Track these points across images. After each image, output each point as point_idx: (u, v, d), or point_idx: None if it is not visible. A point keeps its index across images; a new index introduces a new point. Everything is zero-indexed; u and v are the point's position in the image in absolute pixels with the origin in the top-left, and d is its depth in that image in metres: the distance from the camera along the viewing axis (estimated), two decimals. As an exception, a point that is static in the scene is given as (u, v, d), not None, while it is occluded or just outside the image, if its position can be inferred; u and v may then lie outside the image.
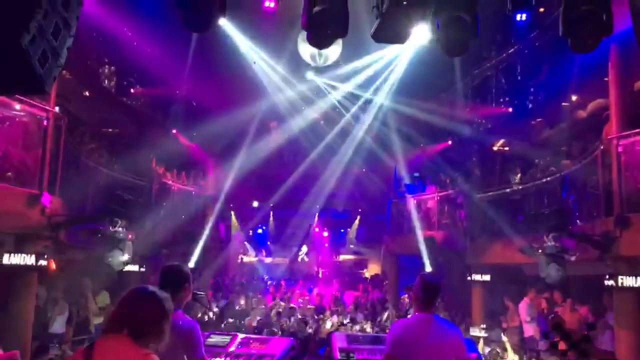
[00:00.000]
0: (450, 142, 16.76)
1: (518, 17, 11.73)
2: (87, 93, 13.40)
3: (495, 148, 15.87)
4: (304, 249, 24.71)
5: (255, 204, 22.96)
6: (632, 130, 8.45)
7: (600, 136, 9.32)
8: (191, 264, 14.14)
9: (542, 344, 10.12)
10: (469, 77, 15.24)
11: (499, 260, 12.23)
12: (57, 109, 8.71)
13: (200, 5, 4.92)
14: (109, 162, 12.00)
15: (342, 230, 25.00)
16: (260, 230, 25.35)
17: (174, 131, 16.44)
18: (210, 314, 12.02)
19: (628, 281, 8.09)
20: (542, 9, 11.46)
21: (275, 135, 19.84)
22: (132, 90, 14.93)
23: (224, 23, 12.69)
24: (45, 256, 8.37)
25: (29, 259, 8.01)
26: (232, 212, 20.38)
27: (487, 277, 12.92)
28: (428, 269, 13.40)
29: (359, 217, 23.52)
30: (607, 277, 8.34)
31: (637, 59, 8.73)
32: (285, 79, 15.86)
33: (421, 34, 5.38)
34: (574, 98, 12.65)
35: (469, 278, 13.10)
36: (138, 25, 12.59)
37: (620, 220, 8.15)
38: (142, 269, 12.08)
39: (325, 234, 24.99)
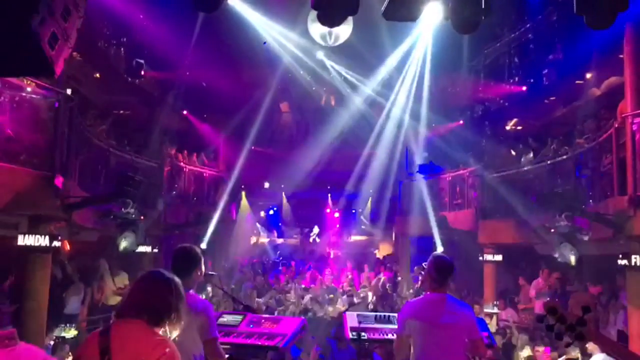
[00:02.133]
0: (462, 122, 16.63)
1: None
2: (97, 75, 13.42)
3: (508, 127, 15.73)
4: (316, 229, 24.77)
5: (267, 185, 23.00)
6: (647, 108, 8.33)
7: (614, 114, 9.19)
8: (203, 245, 14.23)
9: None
10: (481, 56, 15.06)
11: (511, 240, 12.19)
12: (68, 91, 8.71)
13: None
14: (120, 144, 12.06)
15: (353, 211, 25.00)
16: (271, 212, 25.43)
17: (185, 112, 16.46)
18: (222, 294, 12.11)
19: (642, 260, 8.03)
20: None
21: (287, 115, 19.81)
22: (142, 72, 14.95)
23: (233, 2, 12.64)
24: (59, 237, 8.44)
25: (43, 240, 8.09)
26: (243, 193, 20.42)
27: (499, 257, 12.90)
28: (440, 249, 13.38)
29: (370, 198, 23.49)
30: (621, 256, 8.28)
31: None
32: (296, 58, 15.77)
33: (432, 12, 5.31)
34: (588, 76, 12.47)
35: (480, 258, 13.08)
36: (147, 6, 12.54)
37: (634, 199, 8.05)
38: (155, 250, 12.20)
39: (337, 214, 25.01)
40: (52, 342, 8.35)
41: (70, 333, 8.95)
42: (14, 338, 3.34)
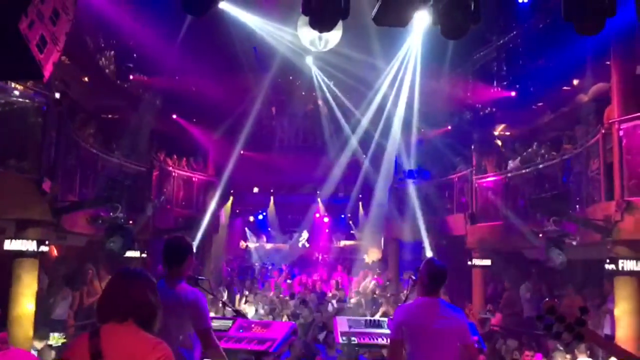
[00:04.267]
0: (450, 127, 16.70)
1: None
2: (86, 79, 13.34)
3: (496, 133, 15.82)
4: (305, 234, 24.74)
5: (256, 189, 22.94)
6: (634, 114, 8.41)
7: (601, 120, 9.28)
8: (192, 250, 14.11)
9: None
10: (470, 61, 15.15)
11: (500, 244, 12.24)
12: (57, 94, 8.66)
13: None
14: (108, 148, 11.99)
15: (342, 216, 25.01)
16: (260, 216, 25.38)
17: (174, 116, 16.40)
18: (211, 299, 12.04)
19: (629, 265, 8.10)
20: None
21: (276, 120, 19.78)
22: (131, 77, 14.85)
23: (223, 5, 12.60)
24: (47, 242, 8.37)
25: (30, 245, 8.02)
26: (231, 198, 20.30)
27: (487, 262, 12.93)
28: (429, 253, 13.40)
29: (360, 203, 23.50)
30: (608, 261, 8.35)
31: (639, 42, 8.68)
32: (287, 63, 15.77)
33: (421, 18, 5.33)
34: (576, 82, 12.59)
35: (469, 263, 13.10)
36: (137, 10, 12.49)
37: (622, 204, 8.14)
38: (144, 255, 12.09)
39: (326, 219, 25.01)
40: (39, 347, 8.24)
41: (59, 342, 8.83)
42: (5, 342, 3.32)
